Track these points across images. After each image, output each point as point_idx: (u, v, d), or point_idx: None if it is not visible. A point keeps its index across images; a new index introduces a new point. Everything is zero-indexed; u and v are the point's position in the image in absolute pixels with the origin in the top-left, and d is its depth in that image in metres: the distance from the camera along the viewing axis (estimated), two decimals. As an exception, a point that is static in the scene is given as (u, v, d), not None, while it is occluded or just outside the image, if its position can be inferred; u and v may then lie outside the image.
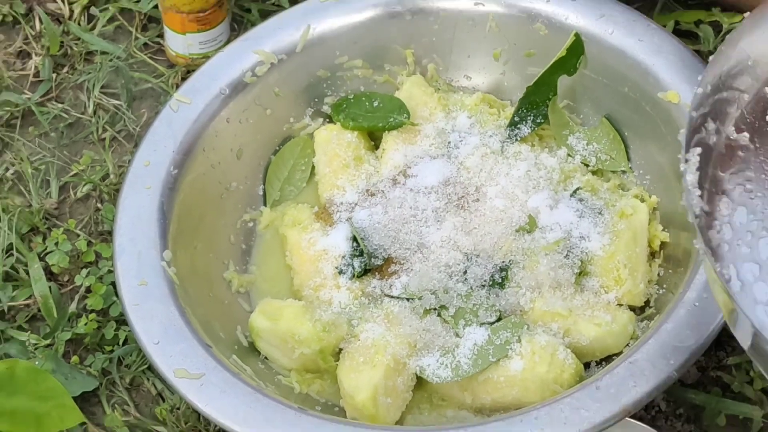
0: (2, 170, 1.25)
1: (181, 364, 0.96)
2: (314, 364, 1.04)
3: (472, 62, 1.20)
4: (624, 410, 0.90)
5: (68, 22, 1.35)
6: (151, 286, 1.01)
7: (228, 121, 1.14)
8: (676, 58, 1.11)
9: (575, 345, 1.01)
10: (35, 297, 1.13)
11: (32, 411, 0.96)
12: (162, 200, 1.07)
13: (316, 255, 1.09)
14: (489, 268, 1.05)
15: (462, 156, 1.12)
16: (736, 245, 0.79)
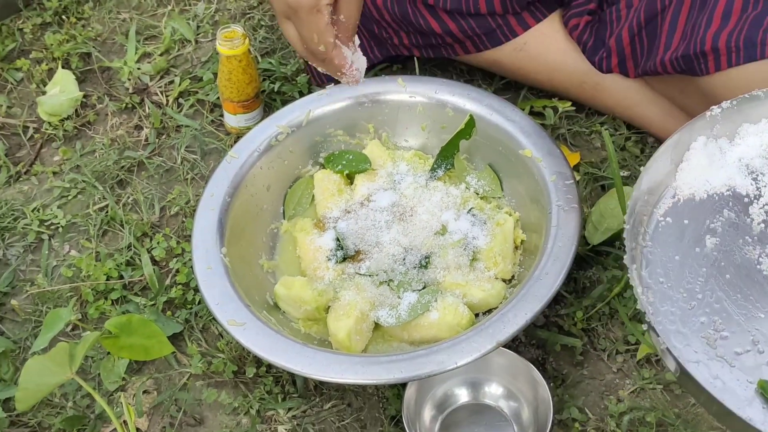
0: (125, 198, 1.25)
1: (231, 316, 0.97)
2: (313, 316, 1.04)
3: (408, 132, 1.20)
4: (499, 343, 0.91)
5: (165, 107, 1.35)
6: (213, 269, 1.02)
7: (261, 168, 1.14)
8: (530, 129, 1.11)
9: (469, 303, 1.02)
10: (145, 275, 1.14)
11: (142, 345, 0.96)
12: (220, 217, 1.07)
13: (315, 249, 1.09)
14: (418, 257, 1.06)
15: (402, 188, 1.13)
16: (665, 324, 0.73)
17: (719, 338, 0.72)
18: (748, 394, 0.68)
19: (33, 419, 1.03)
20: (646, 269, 0.77)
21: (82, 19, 1.50)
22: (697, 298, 0.75)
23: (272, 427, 1.01)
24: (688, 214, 0.81)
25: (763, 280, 0.75)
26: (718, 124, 0.83)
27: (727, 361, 0.71)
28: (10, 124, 1.37)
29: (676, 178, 0.82)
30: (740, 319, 0.73)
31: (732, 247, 0.77)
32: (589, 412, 1.00)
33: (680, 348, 0.72)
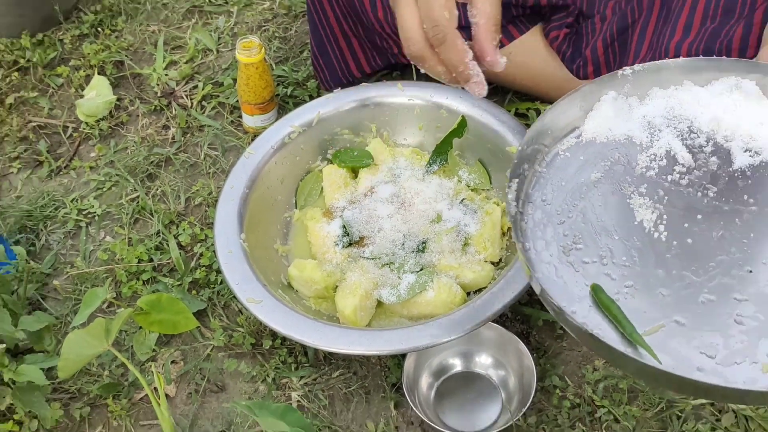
0: (154, 190, 1.24)
1: (250, 295, 0.96)
2: (323, 294, 1.03)
3: (407, 131, 1.19)
4: (488, 318, 0.91)
5: (190, 109, 1.34)
6: (234, 253, 1.01)
7: (275, 163, 1.13)
8: (515, 128, 1.11)
9: (462, 283, 1.02)
10: (172, 258, 1.13)
11: (170, 320, 0.95)
12: (239, 206, 1.06)
13: (324, 235, 1.08)
14: (416, 242, 1.05)
15: (401, 181, 1.12)
16: (534, 231, 0.77)
17: (574, 249, 0.75)
18: (582, 294, 0.72)
19: (73, 386, 1.02)
20: (534, 188, 0.81)
21: (115, 31, 1.49)
22: (568, 216, 0.78)
23: (286, 393, 1.00)
24: (585, 152, 0.83)
25: (628, 211, 0.78)
26: (629, 83, 0.86)
27: (573, 267, 0.74)
28: (51, 124, 1.36)
29: (584, 122, 0.85)
30: (597, 238, 0.76)
31: (612, 183, 0.81)
32: (568, 380, 0.99)
33: (539, 251, 0.76)
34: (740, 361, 0.66)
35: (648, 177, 0.80)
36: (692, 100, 0.85)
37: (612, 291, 0.72)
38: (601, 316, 0.70)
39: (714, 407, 0.96)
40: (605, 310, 0.70)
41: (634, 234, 0.76)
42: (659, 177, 0.81)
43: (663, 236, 0.75)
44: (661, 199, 0.79)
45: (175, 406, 1.01)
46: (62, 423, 0.99)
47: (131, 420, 1.00)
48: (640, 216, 0.77)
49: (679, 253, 0.74)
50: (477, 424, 0.96)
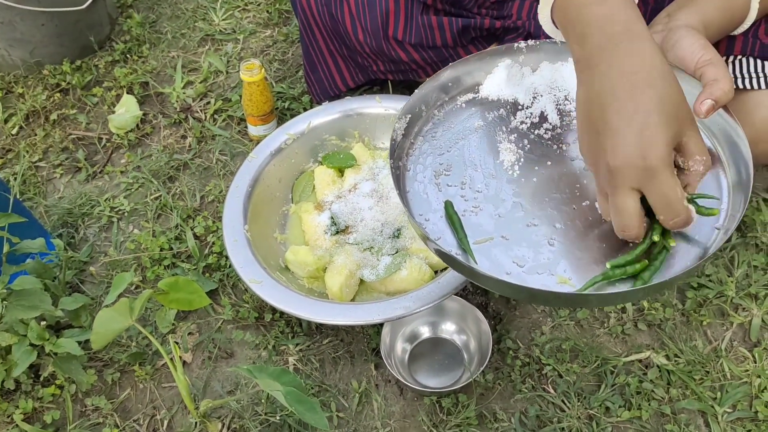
0: (174, 190, 1.23)
1: (252, 276, 0.96)
2: (314, 275, 1.03)
3: (384, 136, 1.18)
4: (451, 292, 0.91)
5: (204, 122, 1.33)
6: (239, 241, 1.00)
7: (274, 165, 1.12)
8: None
9: (430, 263, 1.01)
10: (189, 247, 1.12)
11: (186, 299, 0.93)
12: (244, 202, 1.05)
13: (315, 225, 1.07)
14: (392, 229, 1.04)
15: (380, 179, 1.11)
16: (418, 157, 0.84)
17: (443, 175, 0.81)
18: (438, 207, 0.78)
19: (106, 355, 1.02)
20: (428, 125, 0.86)
21: (142, 57, 1.48)
22: (448, 151, 0.83)
23: (284, 358, 1.00)
24: (477, 105, 0.87)
25: (495, 153, 0.82)
26: (523, 55, 0.89)
27: (438, 187, 0.80)
28: (88, 136, 1.34)
29: (483, 82, 0.89)
30: (464, 169, 0.81)
31: (490, 130, 0.84)
32: (520, 343, 0.99)
33: (416, 173, 0.82)
34: (541, 272, 0.71)
35: (519, 129, 0.84)
36: (573, 75, 0.86)
37: (461, 209, 0.77)
38: (447, 226, 0.76)
39: (641, 363, 0.95)
40: (450, 221, 0.76)
41: (494, 170, 0.81)
42: (529, 130, 0.84)
43: (516, 173, 0.80)
44: (524, 147, 0.83)
45: (191, 370, 1.00)
46: (97, 386, 0.99)
47: (155, 383, 0.99)
48: (503, 157, 0.81)
49: (523, 187, 0.79)
50: (444, 381, 0.96)
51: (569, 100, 0.86)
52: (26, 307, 0.93)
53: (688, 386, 0.92)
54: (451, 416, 0.92)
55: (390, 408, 0.94)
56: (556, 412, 0.91)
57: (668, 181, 0.63)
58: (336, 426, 0.92)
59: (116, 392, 0.99)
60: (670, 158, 0.63)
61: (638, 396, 0.92)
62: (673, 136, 0.63)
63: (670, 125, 0.63)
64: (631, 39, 0.64)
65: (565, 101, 0.86)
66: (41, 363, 0.98)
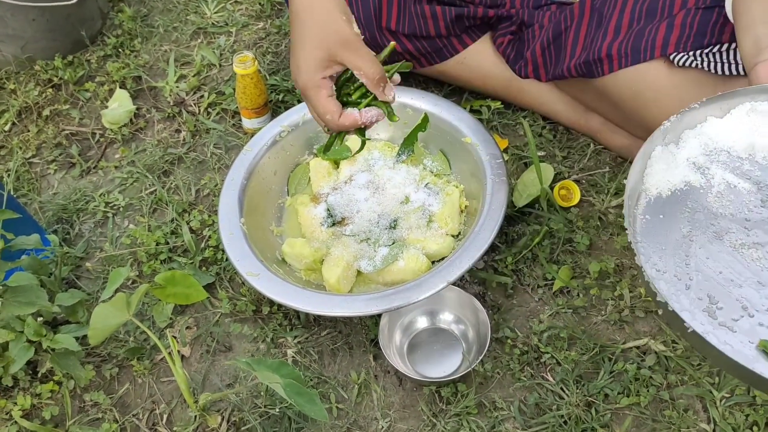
0: (169, 184, 1.22)
1: (249, 269, 0.95)
2: (311, 267, 1.03)
3: (379, 127, 1.15)
4: (449, 282, 0.90)
5: (198, 115, 1.32)
6: (235, 234, 1.00)
7: (269, 158, 1.11)
8: (470, 122, 1.08)
9: (427, 253, 1.01)
10: (185, 241, 1.11)
11: (183, 293, 0.94)
12: (239, 195, 1.05)
13: (311, 217, 1.07)
14: (388, 220, 1.04)
15: (376, 169, 1.10)
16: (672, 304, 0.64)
17: (717, 310, 0.65)
18: (752, 353, 0.63)
19: (104, 350, 1.01)
20: (644, 262, 0.69)
21: (134, 51, 1.47)
22: (690, 279, 0.68)
23: (283, 350, 0.99)
24: (661, 209, 0.74)
25: (737, 255, 0.69)
26: (668, 134, 0.78)
27: (728, 328, 0.64)
28: (81, 131, 1.34)
29: (643, 182, 0.76)
30: (727, 291, 0.66)
31: (701, 229, 0.71)
32: (518, 332, 0.98)
33: (692, 322, 0.63)
34: None
35: (729, 216, 0.72)
36: (720, 131, 0.77)
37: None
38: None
39: (639, 349, 0.95)
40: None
41: (756, 276, 0.67)
42: (738, 212, 0.72)
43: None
44: (750, 232, 0.70)
45: (189, 364, 1.00)
46: (95, 381, 0.99)
47: (153, 377, 0.99)
48: (747, 254, 0.68)
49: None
50: (443, 370, 0.95)
51: (737, 159, 0.76)
52: (22, 303, 0.92)
53: (686, 372, 0.92)
54: (450, 405, 0.92)
55: (389, 398, 0.94)
56: (555, 399, 0.91)
57: (314, 98, 0.84)
58: (336, 417, 0.92)
59: (115, 387, 0.98)
60: (310, 82, 0.84)
61: (637, 382, 0.92)
62: (317, 63, 0.83)
63: (312, 54, 0.83)
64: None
65: (734, 162, 0.76)
66: (39, 359, 0.98)
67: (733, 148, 0.77)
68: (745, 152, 0.77)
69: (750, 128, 0.77)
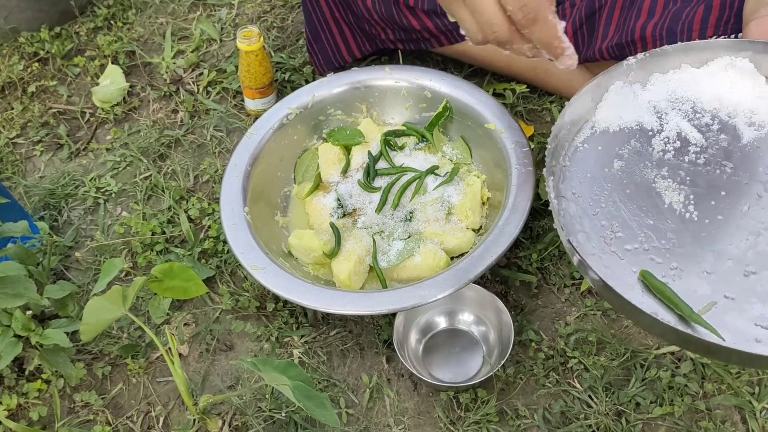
0: (165, 168, 1.23)
1: (253, 262, 0.97)
2: (320, 261, 1.04)
3: (394, 111, 1.19)
4: (470, 280, 0.91)
5: (196, 94, 1.34)
6: (238, 224, 1.01)
7: (275, 142, 1.12)
8: (493, 107, 1.10)
9: (446, 248, 1.02)
10: (183, 231, 1.13)
11: (182, 286, 0.95)
12: (243, 182, 1.06)
13: (320, 207, 1.08)
14: (404, 212, 1.05)
15: (391, 156, 1.12)
16: (573, 224, 0.75)
17: (614, 237, 0.74)
18: (631, 281, 0.70)
19: (96, 347, 1.03)
20: (563, 183, 0.79)
21: (127, 23, 1.48)
22: (601, 206, 0.76)
23: (288, 350, 1.01)
24: (602, 142, 0.82)
25: (655, 195, 0.76)
26: (632, 71, 0.84)
27: (617, 255, 0.72)
28: (70, 110, 1.35)
29: (595, 113, 0.83)
30: (632, 223, 0.74)
31: (634, 169, 0.79)
32: (543, 334, 1.00)
33: (582, 243, 0.73)
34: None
35: (666, 160, 0.78)
36: (691, 81, 0.82)
37: (659, 275, 0.69)
38: (655, 300, 0.68)
39: (674, 356, 0.97)
40: (659, 294, 0.68)
41: (667, 216, 0.74)
42: (677, 159, 0.79)
43: (694, 216, 0.73)
44: (684, 180, 0.77)
45: (188, 364, 1.01)
46: (86, 381, 1.00)
47: (149, 377, 1.01)
48: (668, 198, 0.75)
49: (713, 230, 0.72)
50: (462, 375, 0.97)
51: (700, 112, 0.81)
52: (10, 295, 0.93)
53: (723, 380, 0.94)
54: (469, 413, 0.93)
55: (403, 404, 0.95)
56: (582, 408, 0.93)
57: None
58: (345, 423, 0.94)
59: (107, 387, 1.00)
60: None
61: (670, 391, 0.93)
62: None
63: None
64: None
65: (696, 114, 0.81)
66: (26, 356, 1.00)
67: (699, 100, 0.82)
68: (710, 105, 0.82)
69: (723, 84, 0.82)
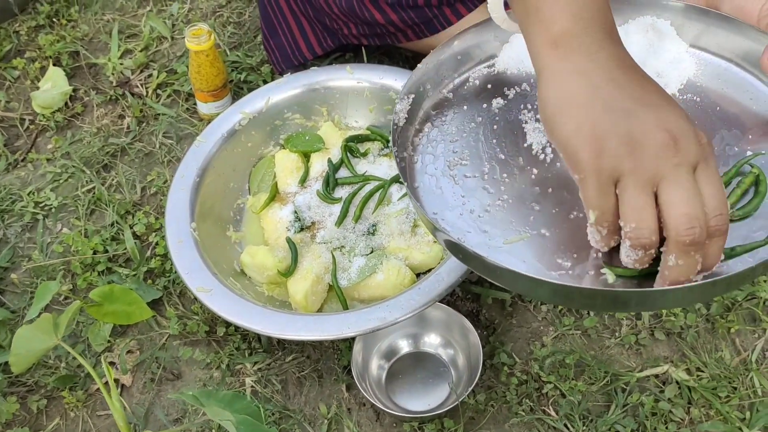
0: (110, 180, 1.22)
1: (200, 284, 0.95)
2: (275, 280, 1.02)
3: (357, 114, 1.17)
4: (434, 299, 0.90)
5: (145, 98, 1.32)
6: (184, 242, 0.99)
7: (227, 150, 1.11)
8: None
9: (411, 264, 1.01)
10: (128, 249, 1.11)
11: (124, 311, 0.94)
12: (190, 195, 1.05)
13: (276, 221, 1.07)
14: (366, 225, 1.04)
15: (352, 164, 1.10)
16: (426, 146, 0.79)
17: (459, 164, 0.77)
18: (455, 203, 0.74)
19: (30, 379, 1.01)
20: (435, 110, 0.82)
21: (71, 21, 1.46)
22: (462, 136, 0.79)
23: (240, 379, 0.99)
24: (493, 81, 0.84)
25: (520, 134, 0.78)
26: None
27: (454, 180, 0.76)
28: (8, 117, 1.33)
29: (498, 54, 0.85)
30: (484, 156, 0.77)
31: (512, 108, 0.81)
32: (516, 357, 0.98)
33: (426, 164, 0.78)
34: (592, 273, 0.67)
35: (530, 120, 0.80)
36: None
37: (485, 203, 0.73)
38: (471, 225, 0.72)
39: (658, 378, 0.95)
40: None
41: (521, 154, 0.77)
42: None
43: (548, 158, 0.76)
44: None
45: (131, 395, 1.00)
46: (19, 416, 0.98)
47: (88, 411, 0.99)
48: (531, 139, 0.78)
49: (559, 174, 0.75)
50: (429, 402, 0.95)
51: None
52: (-67, 324, 0.92)
53: (712, 405, 0.92)
54: (435, 445, 0.92)
55: (364, 436, 0.94)
56: (558, 437, 0.92)
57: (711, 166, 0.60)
58: (301, 458, 0.92)
59: (43, 422, 0.98)
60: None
61: (653, 418, 0.92)
62: None
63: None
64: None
65: None
66: (-47, 390, 0.98)
67: None
68: None
69: (641, 46, 0.82)
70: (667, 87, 0.80)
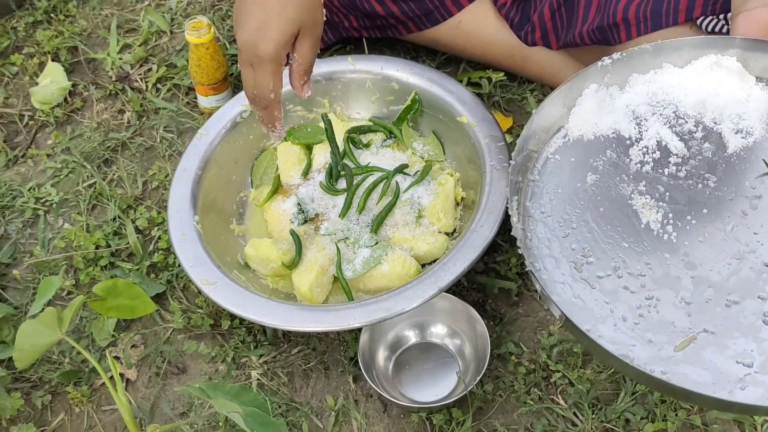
0: (111, 175, 1.21)
1: (204, 276, 0.95)
2: (279, 272, 1.02)
3: (359, 105, 1.17)
4: (440, 289, 0.90)
5: (145, 92, 1.31)
6: (187, 235, 0.99)
7: (229, 143, 1.11)
8: (466, 98, 1.08)
9: (416, 255, 1.01)
10: (130, 243, 1.11)
11: (127, 305, 0.94)
12: (193, 188, 1.05)
13: (279, 213, 1.07)
14: (370, 217, 1.04)
15: (356, 155, 1.10)
16: (540, 248, 0.74)
17: (585, 263, 0.72)
18: (603, 313, 0.68)
19: (34, 375, 1.01)
20: (531, 200, 0.77)
21: (69, 16, 1.45)
22: (572, 228, 0.74)
23: (246, 372, 0.99)
24: (575, 152, 0.80)
25: (632, 214, 0.74)
26: (609, 73, 0.82)
27: (588, 283, 0.71)
28: (7, 113, 1.33)
29: (568, 120, 0.82)
30: (607, 248, 0.72)
31: (609, 184, 0.77)
32: (523, 346, 0.98)
33: (550, 270, 0.72)
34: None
35: (644, 173, 0.76)
36: (674, 82, 0.80)
37: (634, 305, 0.68)
38: (632, 338, 0.66)
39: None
40: None
41: (643, 238, 0.72)
42: (656, 171, 0.76)
43: (673, 237, 0.72)
44: (663, 196, 0.75)
45: (136, 389, 0.99)
46: (24, 412, 0.98)
47: (93, 406, 0.99)
48: (645, 218, 0.73)
49: (692, 254, 0.70)
50: (436, 393, 0.95)
51: (683, 117, 0.79)
52: (-64, 320, 0.92)
53: (721, 392, 0.92)
54: (443, 435, 0.92)
55: (372, 427, 0.94)
56: (566, 426, 0.91)
57: (266, 73, 0.90)
58: (308, 451, 0.92)
59: (47, 418, 0.98)
60: (277, 55, 0.89)
61: (663, 405, 0.92)
62: (288, 37, 0.89)
63: (287, 28, 0.88)
64: None
65: (678, 120, 0.79)
66: (-44, 386, 0.97)
67: (682, 103, 0.80)
68: (693, 110, 0.80)
69: (708, 84, 0.80)
70: (754, 130, 0.78)
